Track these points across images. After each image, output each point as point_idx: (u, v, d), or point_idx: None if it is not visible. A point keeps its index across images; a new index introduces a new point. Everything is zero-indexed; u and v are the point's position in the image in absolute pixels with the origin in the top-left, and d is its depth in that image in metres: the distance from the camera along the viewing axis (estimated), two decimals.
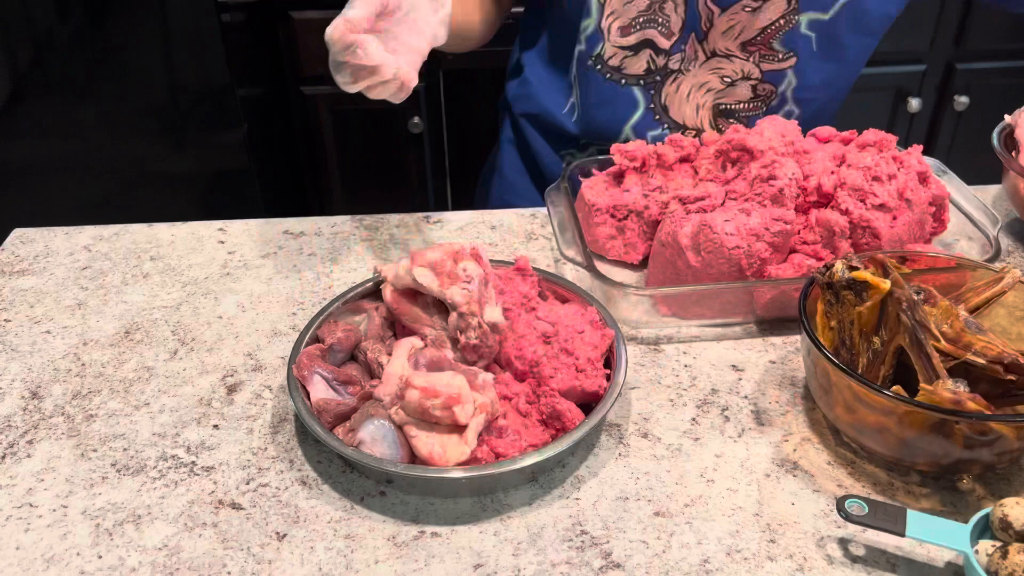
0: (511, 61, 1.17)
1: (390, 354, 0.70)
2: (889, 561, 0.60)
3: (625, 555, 0.60)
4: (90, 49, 1.58)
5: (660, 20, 0.96)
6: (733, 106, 1.02)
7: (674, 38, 0.97)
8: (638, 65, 0.99)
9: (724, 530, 0.62)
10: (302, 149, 1.99)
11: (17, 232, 0.97)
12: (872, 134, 0.86)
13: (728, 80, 0.99)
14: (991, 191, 1.02)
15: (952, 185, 0.88)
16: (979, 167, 1.04)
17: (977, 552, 0.56)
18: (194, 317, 0.84)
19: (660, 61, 0.98)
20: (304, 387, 0.68)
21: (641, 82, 1.00)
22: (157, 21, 1.57)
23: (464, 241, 0.88)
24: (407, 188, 2.06)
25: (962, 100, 1.90)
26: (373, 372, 0.71)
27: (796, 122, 0.88)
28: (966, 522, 0.58)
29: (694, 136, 1.03)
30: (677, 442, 0.69)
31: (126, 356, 0.79)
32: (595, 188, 0.91)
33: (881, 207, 0.80)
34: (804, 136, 0.87)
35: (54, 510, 0.64)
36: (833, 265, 0.68)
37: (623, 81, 1.00)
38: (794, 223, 0.81)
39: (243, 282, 0.88)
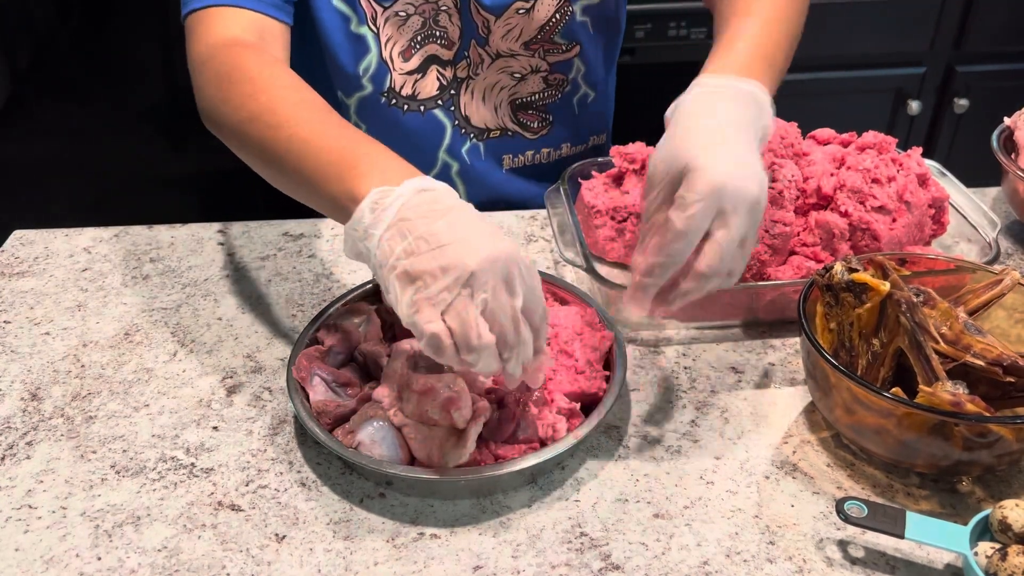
0: None
1: (389, 356, 0.70)
2: (888, 563, 0.60)
3: (624, 557, 0.60)
4: (90, 51, 1.58)
5: (438, 33, 0.94)
6: (528, 98, 1.01)
7: (455, 47, 0.95)
8: (430, 86, 0.96)
9: (723, 532, 0.62)
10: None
11: (17, 234, 0.97)
12: (871, 136, 0.86)
13: (518, 75, 0.98)
14: (990, 193, 1.02)
15: (952, 187, 0.88)
16: (978, 170, 1.04)
17: (976, 554, 0.56)
18: (194, 319, 0.84)
19: (448, 73, 0.96)
20: (303, 389, 0.68)
21: (439, 102, 0.98)
22: (157, 22, 1.57)
23: None
24: None
25: (962, 103, 1.90)
26: (372, 374, 0.71)
27: (795, 123, 0.88)
28: (965, 524, 0.58)
29: (499, 136, 1.02)
30: (676, 444, 0.69)
31: (126, 358, 0.79)
32: (594, 190, 0.91)
33: (880, 209, 0.80)
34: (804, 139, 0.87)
35: (53, 511, 0.64)
36: (832, 267, 0.68)
37: (422, 108, 0.97)
38: (793, 225, 0.81)
39: (243, 284, 0.88)
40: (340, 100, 0.97)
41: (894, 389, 0.62)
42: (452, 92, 0.98)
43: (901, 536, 0.57)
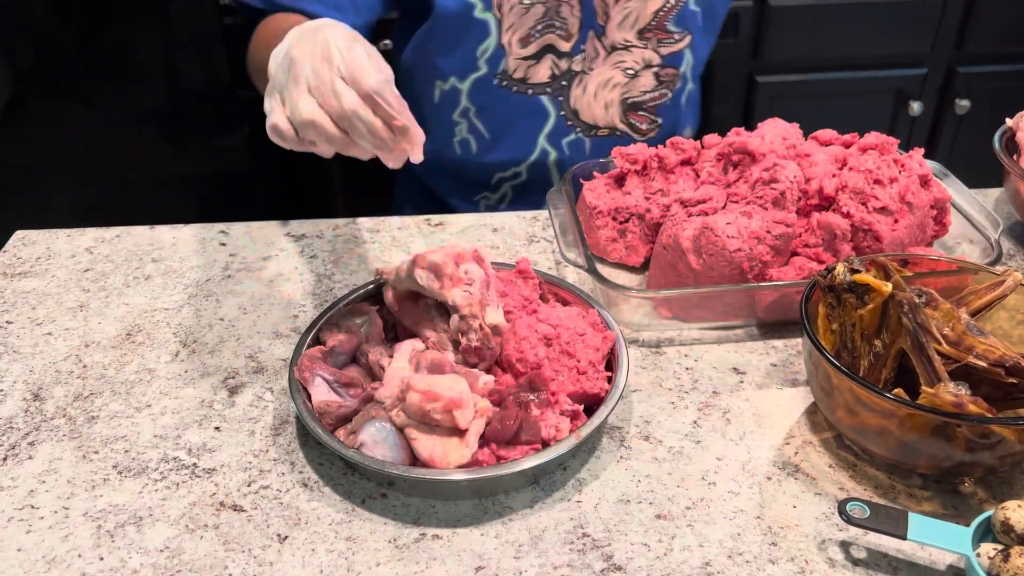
0: None
1: (391, 356, 0.70)
2: (891, 564, 0.60)
3: (626, 558, 0.60)
4: (92, 52, 1.58)
5: (558, 24, 0.97)
6: (639, 98, 1.03)
7: (573, 39, 0.98)
8: (542, 73, 1.00)
9: (725, 533, 0.62)
10: (304, 151, 1.99)
11: (19, 234, 0.97)
12: (873, 137, 0.87)
13: (631, 72, 1.00)
14: (992, 194, 1.02)
15: (953, 188, 0.89)
16: (980, 170, 1.04)
17: (979, 555, 0.56)
18: (196, 319, 0.84)
19: (563, 65, 1.00)
20: (305, 389, 0.68)
21: (548, 90, 1.01)
22: (159, 24, 1.57)
23: (466, 244, 0.88)
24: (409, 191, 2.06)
25: (963, 103, 1.90)
26: (374, 374, 0.71)
27: (797, 125, 0.88)
28: (968, 525, 0.58)
29: (607, 135, 1.05)
30: (678, 445, 0.69)
31: (128, 358, 0.79)
32: (596, 191, 0.91)
33: (882, 210, 0.80)
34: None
35: (55, 512, 0.64)
36: (835, 268, 0.68)
37: (530, 91, 1.01)
38: (795, 226, 0.81)
39: (245, 284, 0.89)
40: (451, 87, 1.02)
41: (896, 390, 0.62)
42: (563, 83, 1.01)
43: (903, 537, 0.57)
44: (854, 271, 0.67)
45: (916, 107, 1.90)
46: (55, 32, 1.56)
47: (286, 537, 0.62)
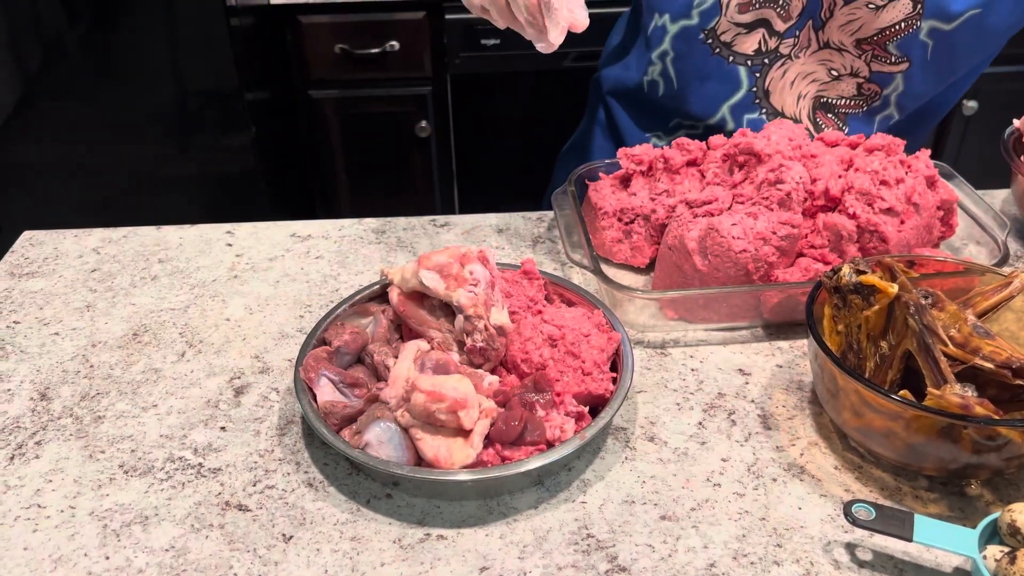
0: (608, 45, 1.17)
1: (396, 357, 0.70)
2: (896, 566, 0.60)
3: (631, 559, 0.60)
4: (99, 53, 1.58)
5: (780, 2, 0.95)
6: (835, 100, 1.00)
7: (791, 22, 0.96)
8: (749, 44, 0.98)
9: (730, 534, 0.62)
10: (309, 152, 1.99)
11: (27, 235, 0.98)
12: (880, 138, 0.86)
13: (835, 73, 0.98)
14: (999, 195, 1.02)
15: (960, 189, 0.88)
16: (987, 171, 1.03)
17: (985, 557, 0.56)
18: (202, 319, 0.84)
19: (772, 43, 0.97)
20: (311, 389, 0.68)
21: (748, 63, 0.99)
22: (166, 25, 1.57)
23: (471, 244, 0.88)
24: (414, 191, 2.06)
25: (970, 104, 1.89)
26: (380, 375, 0.71)
27: (804, 125, 0.87)
28: (974, 527, 0.58)
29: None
30: (683, 446, 0.69)
31: (134, 358, 0.79)
32: (602, 192, 0.91)
33: (889, 211, 0.80)
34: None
35: (62, 511, 0.64)
36: (840, 269, 0.68)
37: (730, 59, 0.99)
38: (801, 227, 0.80)
39: (251, 285, 0.89)
40: (662, 24, 1.01)
41: (902, 392, 0.62)
42: (766, 61, 0.99)
43: (909, 539, 0.57)
44: (860, 272, 0.67)
45: None
46: (63, 34, 1.57)
47: (291, 537, 0.62)
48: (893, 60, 0.96)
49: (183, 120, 1.68)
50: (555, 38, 0.74)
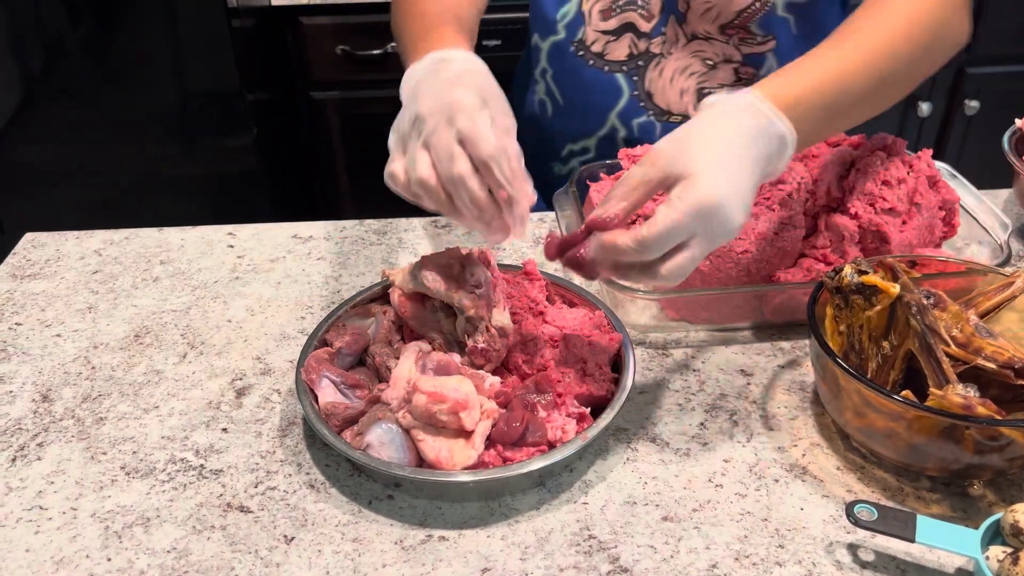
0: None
1: (398, 358, 0.70)
2: (899, 567, 0.59)
3: (633, 560, 0.60)
4: (101, 55, 1.59)
5: (640, 2, 0.96)
6: (716, 89, 1.00)
7: (654, 20, 0.97)
8: (620, 50, 0.99)
9: (732, 535, 0.62)
10: (311, 153, 1.99)
11: (29, 236, 0.98)
12: (881, 138, 0.86)
13: (710, 63, 0.98)
14: (1001, 195, 1.02)
15: (962, 189, 0.88)
16: (989, 171, 1.03)
17: (988, 558, 0.56)
18: (203, 321, 0.84)
19: (642, 45, 0.98)
20: (312, 391, 0.68)
21: (624, 68, 1.00)
22: (167, 26, 1.57)
23: (472, 245, 0.88)
24: None
25: (972, 104, 1.89)
26: (381, 376, 0.71)
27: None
28: (976, 528, 0.57)
29: (679, 121, 1.02)
30: (685, 447, 0.69)
31: (136, 359, 0.79)
32: (603, 192, 0.91)
33: (891, 211, 0.80)
34: None
35: (64, 512, 0.64)
36: (842, 269, 0.68)
37: (606, 68, 1.00)
38: (803, 227, 0.80)
39: (252, 286, 0.89)
40: (535, 43, 1.02)
41: (904, 392, 0.62)
42: (640, 63, 0.99)
43: (912, 540, 0.57)
44: (862, 272, 0.67)
45: (925, 108, 1.90)
46: (64, 35, 1.57)
47: (293, 538, 0.62)
48: (759, 40, 0.97)
49: (184, 121, 1.68)
50: (519, 232, 0.65)
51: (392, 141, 0.67)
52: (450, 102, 0.63)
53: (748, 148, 0.63)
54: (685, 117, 1.01)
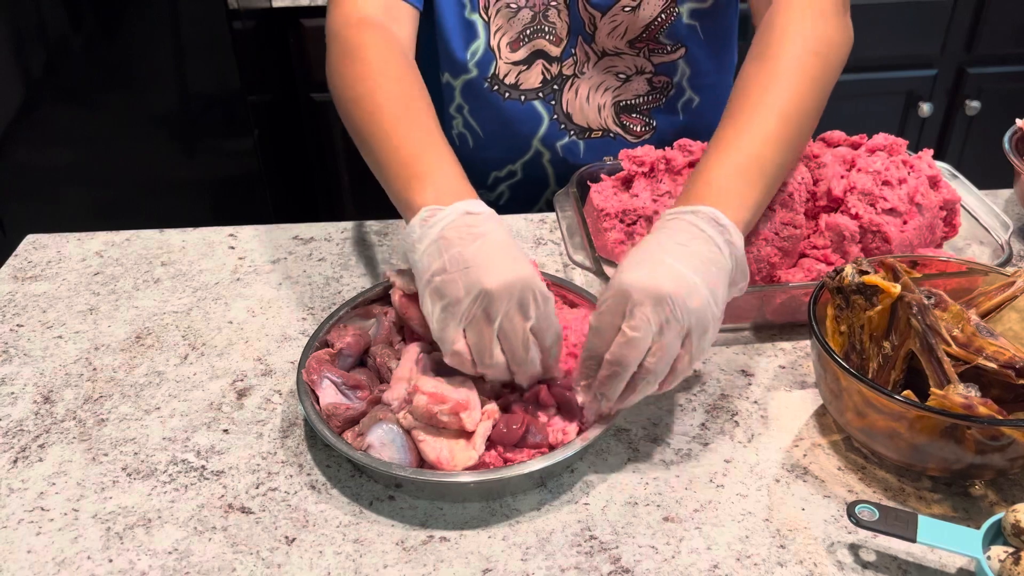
0: None
1: (399, 359, 0.70)
2: (900, 567, 0.59)
3: (634, 560, 0.60)
4: (102, 56, 1.59)
5: (547, 28, 0.96)
6: (633, 100, 1.02)
7: (563, 43, 0.97)
8: (533, 78, 0.99)
9: (734, 535, 0.62)
10: (312, 155, 1.99)
11: (30, 238, 0.98)
12: (882, 138, 0.86)
13: (623, 76, 0.99)
14: (1002, 195, 1.02)
15: (963, 189, 0.88)
16: (990, 171, 1.03)
17: (989, 558, 0.56)
18: (205, 322, 0.84)
19: (554, 69, 0.99)
20: (313, 392, 0.68)
21: (540, 94, 1.00)
22: (169, 28, 1.58)
23: None
24: None
25: (973, 104, 1.89)
26: (382, 377, 0.71)
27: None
28: (978, 528, 0.57)
29: (600, 137, 1.03)
30: (686, 447, 0.69)
31: (137, 361, 0.79)
32: (604, 193, 0.91)
33: (891, 211, 0.80)
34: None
35: (65, 514, 0.64)
36: (843, 269, 0.68)
37: (523, 97, 1.00)
38: (804, 227, 0.80)
39: (253, 287, 0.89)
40: (447, 81, 1.01)
41: (905, 392, 0.62)
42: (555, 87, 1.00)
43: (913, 540, 0.57)
44: (863, 272, 0.67)
45: (926, 108, 1.90)
46: (66, 38, 1.57)
47: (294, 539, 0.62)
48: (669, 49, 0.98)
49: (186, 123, 1.68)
50: (521, 382, 0.66)
51: (446, 312, 0.63)
52: (517, 284, 0.61)
53: (699, 258, 0.64)
54: (606, 132, 1.03)
